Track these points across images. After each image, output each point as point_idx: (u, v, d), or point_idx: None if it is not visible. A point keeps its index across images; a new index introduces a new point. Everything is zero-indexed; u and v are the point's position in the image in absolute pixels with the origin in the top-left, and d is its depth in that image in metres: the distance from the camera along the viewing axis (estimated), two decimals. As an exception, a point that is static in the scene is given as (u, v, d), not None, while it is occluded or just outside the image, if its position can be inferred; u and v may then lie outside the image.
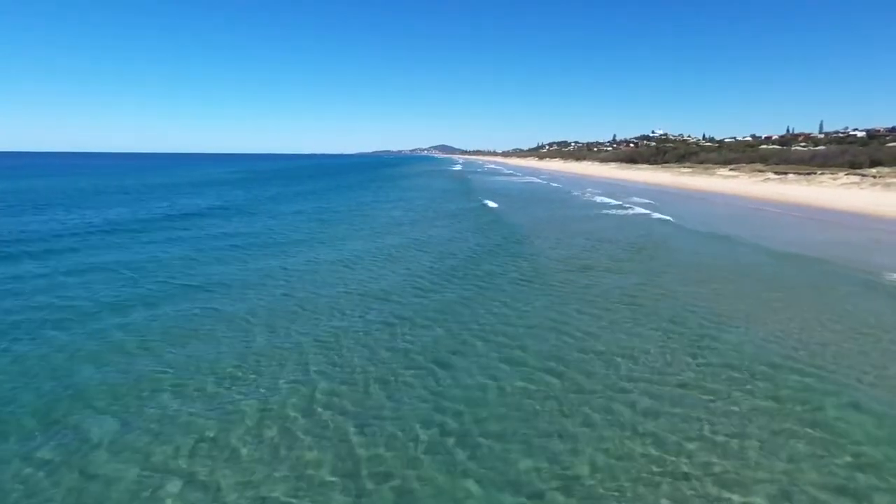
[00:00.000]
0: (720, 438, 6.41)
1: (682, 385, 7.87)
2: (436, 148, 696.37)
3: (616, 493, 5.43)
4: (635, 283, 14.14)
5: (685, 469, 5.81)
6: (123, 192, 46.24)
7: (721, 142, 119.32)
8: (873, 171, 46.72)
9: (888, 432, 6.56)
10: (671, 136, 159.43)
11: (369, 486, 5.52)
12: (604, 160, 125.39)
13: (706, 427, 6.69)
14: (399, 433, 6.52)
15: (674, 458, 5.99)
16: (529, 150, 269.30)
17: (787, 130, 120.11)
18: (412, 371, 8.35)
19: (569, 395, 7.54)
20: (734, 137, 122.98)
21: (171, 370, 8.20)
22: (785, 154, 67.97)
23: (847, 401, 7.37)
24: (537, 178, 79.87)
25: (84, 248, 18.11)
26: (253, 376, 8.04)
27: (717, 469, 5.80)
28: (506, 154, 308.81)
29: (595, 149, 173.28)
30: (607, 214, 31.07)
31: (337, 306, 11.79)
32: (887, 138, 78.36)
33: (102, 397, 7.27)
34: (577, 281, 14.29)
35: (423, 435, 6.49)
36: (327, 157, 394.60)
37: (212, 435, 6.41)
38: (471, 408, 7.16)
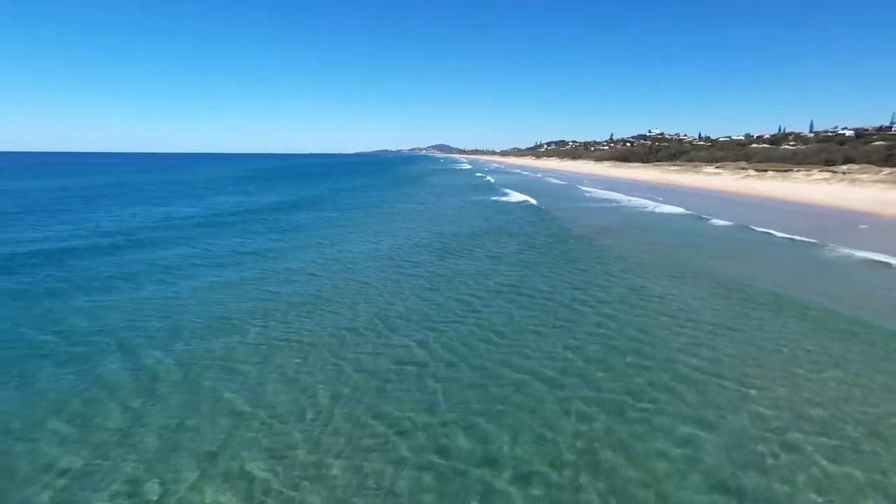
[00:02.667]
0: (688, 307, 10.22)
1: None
2: (435, 147, 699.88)
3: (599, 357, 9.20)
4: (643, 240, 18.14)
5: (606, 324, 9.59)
6: (152, 190, 49.87)
7: (715, 141, 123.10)
8: (844, 167, 50.62)
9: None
10: (667, 136, 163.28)
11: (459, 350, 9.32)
12: (598, 159, 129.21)
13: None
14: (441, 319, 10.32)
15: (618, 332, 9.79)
16: (528, 149, 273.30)
17: (779, 130, 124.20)
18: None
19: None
20: (729, 136, 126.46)
21: (298, 329, 11.97)
22: (768, 152, 71.84)
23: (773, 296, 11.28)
24: (539, 174, 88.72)
25: (174, 240, 20.72)
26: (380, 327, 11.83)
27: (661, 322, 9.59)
28: (504, 153, 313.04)
29: (592, 148, 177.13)
30: (612, 207, 34.96)
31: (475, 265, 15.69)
32: (874, 137, 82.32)
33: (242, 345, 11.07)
34: (612, 236, 18.27)
35: (465, 324, 10.29)
36: (327, 157, 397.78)
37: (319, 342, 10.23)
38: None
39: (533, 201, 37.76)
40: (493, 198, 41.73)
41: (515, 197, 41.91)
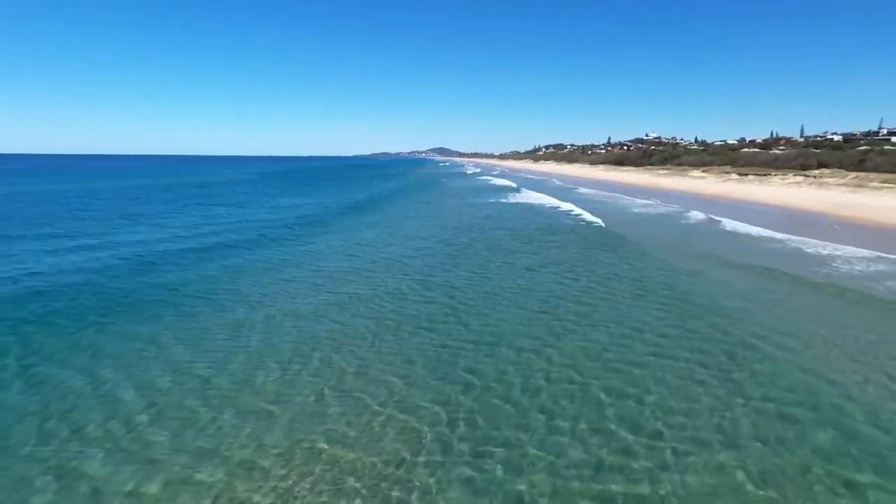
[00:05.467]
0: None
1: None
2: (434, 150, 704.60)
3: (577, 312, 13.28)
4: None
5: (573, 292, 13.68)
6: (177, 192, 53.72)
7: (709, 145, 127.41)
8: (816, 172, 54.94)
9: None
10: (664, 139, 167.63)
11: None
12: (594, 162, 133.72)
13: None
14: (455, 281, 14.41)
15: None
16: (526, 152, 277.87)
17: (771, 134, 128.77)
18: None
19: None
20: (724, 141, 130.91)
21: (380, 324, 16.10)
22: (750, 157, 76.27)
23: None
24: (541, 177, 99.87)
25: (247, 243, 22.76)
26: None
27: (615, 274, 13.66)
28: (503, 157, 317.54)
29: (590, 152, 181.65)
30: (609, 205, 39.32)
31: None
32: (861, 142, 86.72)
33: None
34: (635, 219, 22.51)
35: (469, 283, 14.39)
36: (327, 160, 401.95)
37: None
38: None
39: (553, 200, 42.38)
40: (523, 200, 45.74)
41: (537, 197, 46.96)
